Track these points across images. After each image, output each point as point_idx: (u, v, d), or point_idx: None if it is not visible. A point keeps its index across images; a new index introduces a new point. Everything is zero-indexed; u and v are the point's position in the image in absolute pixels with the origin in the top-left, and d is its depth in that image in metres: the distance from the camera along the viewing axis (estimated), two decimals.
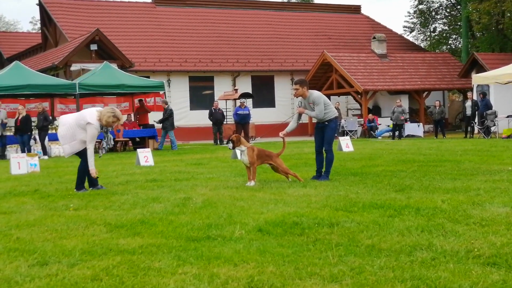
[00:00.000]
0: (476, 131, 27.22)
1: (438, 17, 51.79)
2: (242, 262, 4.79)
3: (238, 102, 28.85)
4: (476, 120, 27.05)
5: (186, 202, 8.03)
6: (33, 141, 21.64)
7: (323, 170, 10.59)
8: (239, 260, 4.84)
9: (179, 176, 11.73)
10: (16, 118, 20.72)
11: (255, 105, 34.41)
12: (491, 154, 14.99)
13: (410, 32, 53.17)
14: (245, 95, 30.70)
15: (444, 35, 52.54)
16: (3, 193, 9.88)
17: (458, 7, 47.29)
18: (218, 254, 5.05)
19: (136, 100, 26.12)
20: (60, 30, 35.13)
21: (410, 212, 6.69)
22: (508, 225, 5.85)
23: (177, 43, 36.63)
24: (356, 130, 32.09)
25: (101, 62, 25.50)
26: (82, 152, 10.04)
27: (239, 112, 27.35)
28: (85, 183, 10.13)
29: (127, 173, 12.86)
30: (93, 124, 9.74)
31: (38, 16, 41.30)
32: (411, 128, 31.08)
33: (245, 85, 35.57)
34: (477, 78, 27.29)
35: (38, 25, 55.19)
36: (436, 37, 52.90)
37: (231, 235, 5.81)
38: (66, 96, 24.53)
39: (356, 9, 46.85)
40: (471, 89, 29.39)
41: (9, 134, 21.24)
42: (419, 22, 52.15)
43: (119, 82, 23.37)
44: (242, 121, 27.28)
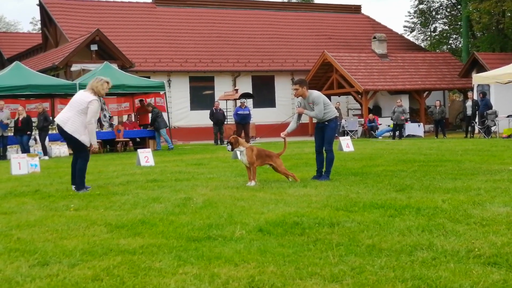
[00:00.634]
0: (477, 131, 27.22)
1: (439, 17, 51.79)
2: (243, 262, 4.79)
3: (239, 102, 28.85)
4: (477, 120, 27.05)
5: (187, 202, 8.03)
6: (34, 142, 21.64)
7: (324, 170, 10.59)
8: (240, 260, 4.84)
9: (180, 176, 11.73)
10: (17, 119, 20.73)
11: (256, 105, 34.41)
12: (492, 154, 14.98)
13: (411, 32, 53.18)
14: (246, 95, 30.69)
15: (445, 35, 52.53)
16: (4, 194, 9.88)
17: (459, 7, 47.27)
18: (219, 254, 5.05)
19: (137, 101, 26.11)
20: (61, 31, 35.14)
21: (411, 212, 6.69)
22: (509, 225, 5.85)
23: (178, 43, 36.64)
24: (357, 130, 32.09)
25: (102, 63, 25.50)
26: (81, 149, 10.16)
27: (240, 112, 27.34)
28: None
29: (128, 173, 12.86)
30: (95, 99, 9.91)
31: (39, 17, 41.39)
32: (412, 128, 31.08)
33: (246, 85, 35.57)
34: (478, 78, 27.29)
35: (39, 26, 55.22)
36: (437, 37, 52.89)
37: (232, 235, 5.81)
38: (67, 97, 24.41)
39: (357, 9, 46.85)
40: (472, 89, 29.39)
41: (10, 135, 21.23)
42: (420, 22, 52.13)
43: (120, 83, 23.35)
44: (243, 121, 27.27)
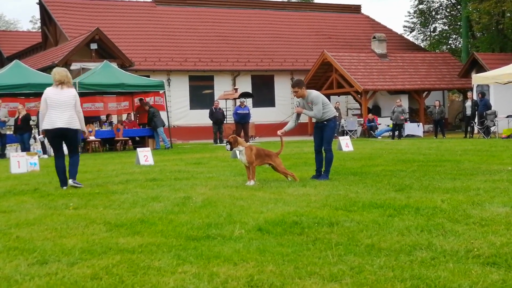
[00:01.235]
0: (476, 131, 27.23)
1: (438, 17, 51.81)
2: (242, 261, 4.79)
3: (238, 102, 28.85)
4: (476, 120, 27.06)
5: (186, 201, 8.03)
6: (33, 140, 21.63)
7: (323, 170, 10.59)
8: (239, 259, 4.84)
9: (179, 176, 11.73)
10: (16, 117, 20.72)
11: (255, 105, 34.42)
12: (491, 154, 14.99)
13: (410, 32, 53.21)
14: (245, 95, 30.70)
15: (444, 35, 52.55)
16: (3, 192, 9.88)
17: (458, 7, 47.29)
18: (218, 253, 5.05)
19: (136, 100, 26.11)
20: (60, 29, 35.13)
21: (410, 212, 6.69)
22: (508, 225, 5.85)
23: (177, 43, 36.63)
24: (356, 130, 32.10)
25: (101, 61, 25.48)
26: (76, 144, 10.66)
27: (239, 112, 27.35)
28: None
29: (127, 172, 12.86)
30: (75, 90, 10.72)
31: (38, 15, 41.34)
32: (411, 128, 31.09)
33: (245, 85, 35.57)
34: (477, 78, 27.29)
35: (38, 24, 55.19)
36: (436, 37, 52.91)
37: (231, 234, 5.81)
38: None
39: (356, 9, 46.85)
40: (471, 89, 29.39)
41: (9, 133, 21.23)
42: (419, 22, 52.16)
43: (119, 81, 23.36)
44: (242, 121, 27.28)
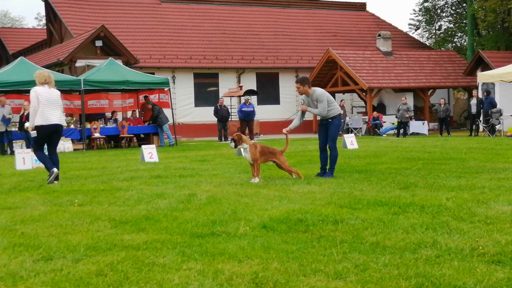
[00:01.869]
0: (481, 129, 27.18)
1: (444, 15, 51.68)
2: (247, 259, 4.79)
3: (243, 99, 28.84)
4: (481, 118, 27.01)
5: (191, 199, 8.04)
6: None
7: (328, 167, 10.59)
8: (244, 257, 4.84)
9: (184, 173, 11.74)
10: (22, 114, 20.74)
11: (260, 102, 34.42)
12: (496, 152, 14.96)
13: (416, 30, 53.11)
14: (250, 92, 30.70)
15: (450, 33, 52.41)
16: (8, 188, 9.90)
17: (464, 5, 47.15)
18: (223, 250, 5.05)
19: (141, 97, 26.12)
20: (65, 26, 35.16)
21: (415, 210, 6.68)
22: None
23: (182, 40, 36.64)
24: (361, 128, 32.05)
25: (106, 59, 25.52)
26: (58, 142, 11.31)
27: (244, 109, 27.34)
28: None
29: (132, 169, 12.88)
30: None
31: (44, 12, 41.37)
32: (416, 126, 31.03)
33: (250, 82, 35.56)
34: (483, 76, 27.22)
35: (44, 21, 55.25)
36: (442, 35, 52.79)
37: (236, 232, 5.82)
38: (71, 92, 24.51)
39: (362, 7, 46.78)
40: (476, 87, 29.33)
41: (14, 130, 21.26)
42: (425, 20, 52.05)
43: (124, 79, 23.38)
44: (247, 118, 27.28)
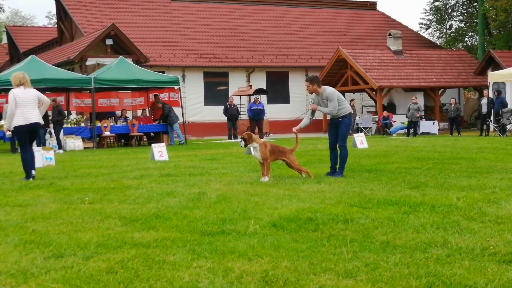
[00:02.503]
0: (492, 129, 27.06)
1: (454, 14, 51.45)
2: (257, 257, 4.80)
3: (253, 98, 28.83)
4: (492, 118, 26.89)
5: (201, 197, 8.05)
6: (49, 135, 21.75)
7: (337, 167, 10.57)
8: (254, 255, 4.85)
9: (194, 171, 11.76)
10: None
11: (270, 101, 34.39)
12: (507, 152, 14.90)
13: (426, 29, 52.88)
14: (260, 91, 30.69)
15: (460, 32, 52.17)
16: (19, 186, 9.95)
17: (475, 4, 46.92)
18: (233, 249, 5.06)
19: (151, 95, 26.17)
20: (76, 25, 35.27)
21: (425, 209, 6.66)
22: None
23: (192, 39, 36.66)
24: (371, 127, 31.97)
25: (117, 57, 25.56)
26: (35, 138, 11.90)
27: (253, 108, 27.34)
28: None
29: (142, 168, 12.91)
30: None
31: (54, 11, 41.50)
32: (426, 126, 30.92)
33: (260, 81, 35.54)
34: (493, 76, 27.10)
35: (54, 20, 55.55)
36: (452, 34, 52.56)
37: (246, 230, 5.82)
38: (82, 91, 24.61)
39: (372, 6, 46.65)
40: (487, 87, 29.19)
41: None
42: (435, 19, 51.83)
43: (134, 77, 23.43)
44: (256, 117, 27.27)
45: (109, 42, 29.23)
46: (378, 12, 46.36)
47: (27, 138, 11.25)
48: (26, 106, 11.03)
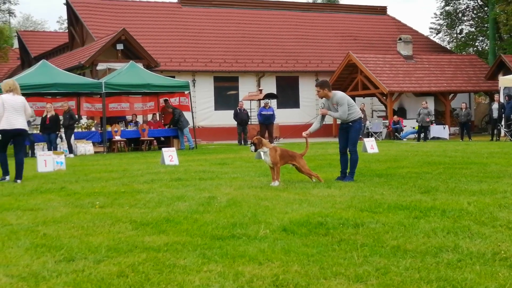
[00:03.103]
0: (503, 134, 26.95)
1: (465, 19, 51.34)
2: (267, 261, 4.79)
3: (263, 103, 28.86)
4: (503, 123, 26.78)
5: (211, 201, 8.06)
6: (59, 140, 21.84)
7: (348, 171, 10.56)
8: (264, 259, 4.85)
9: (204, 176, 11.77)
10: (44, 116, 20.90)
11: (280, 106, 34.42)
12: None
13: (437, 34, 52.79)
14: (270, 96, 30.71)
15: (471, 37, 52.03)
16: (30, 190, 9.99)
17: (485, 9, 46.81)
18: (243, 253, 5.06)
19: (162, 100, 26.24)
20: (87, 30, 35.46)
21: (436, 214, 6.64)
22: None
23: (202, 43, 36.76)
24: (381, 132, 31.93)
25: (127, 62, 25.66)
26: (23, 144, 12.15)
27: (263, 113, 27.36)
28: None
29: (152, 172, 12.93)
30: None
31: (65, 16, 41.78)
32: (437, 130, 30.84)
33: (270, 86, 35.59)
34: (504, 81, 27.02)
35: (65, 25, 55.80)
36: (463, 39, 52.43)
37: (256, 234, 5.82)
38: (92, 95, 24.72)
39: (382, 10, 46.64)
40: (498, 92, 29.09)
41: (35, 132, 21.40)
42: (446, 24, 51.73)
43: (145, 82, 23.50)
44: (266, 122, 27.28)
45: (120, 47, 29.37)
46: (389, 17, 46.33)
47: (7, 143, 11.75)
48: (13, 113, 11.44)
